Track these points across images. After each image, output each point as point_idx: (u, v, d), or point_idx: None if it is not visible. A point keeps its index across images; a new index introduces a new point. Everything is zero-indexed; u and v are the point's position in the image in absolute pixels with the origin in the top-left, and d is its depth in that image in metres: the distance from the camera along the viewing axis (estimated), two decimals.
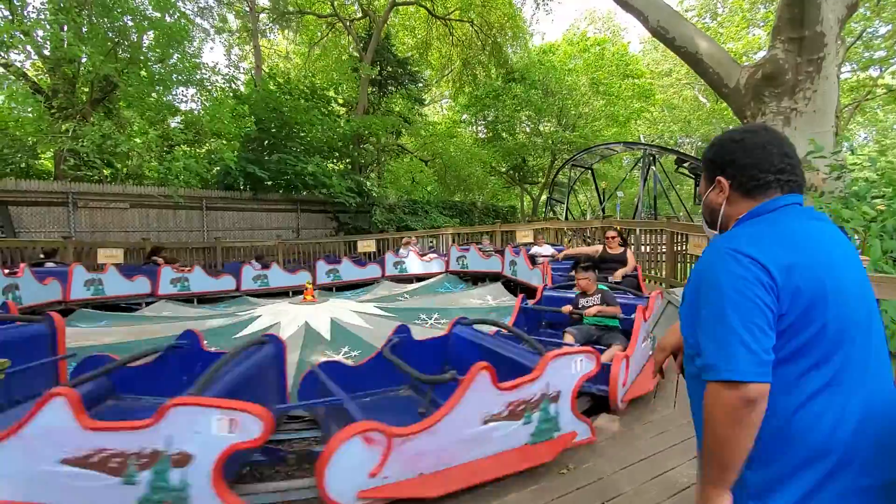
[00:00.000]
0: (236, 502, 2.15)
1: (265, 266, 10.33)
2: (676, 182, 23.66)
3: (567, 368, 2.88)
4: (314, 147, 15.49)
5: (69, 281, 7.71)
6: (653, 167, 17.15)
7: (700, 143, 33.85)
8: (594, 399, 3.67)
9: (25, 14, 10.11)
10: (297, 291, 9.28)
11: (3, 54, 10.87)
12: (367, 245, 13.18)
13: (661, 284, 8.44)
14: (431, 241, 14.22)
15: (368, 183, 15.78)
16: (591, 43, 25.25)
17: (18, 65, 11.60)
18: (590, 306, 4.35)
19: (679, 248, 8.21)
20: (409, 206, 17.09)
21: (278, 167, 13.86)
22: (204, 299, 9.30)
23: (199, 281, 9.31)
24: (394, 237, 13.94)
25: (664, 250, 8.77)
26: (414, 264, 11.12)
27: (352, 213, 15.61)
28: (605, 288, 4.67)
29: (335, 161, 17.44)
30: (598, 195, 22.26)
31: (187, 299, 9.07)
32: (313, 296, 7.94)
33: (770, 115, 6.88)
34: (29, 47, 10.36)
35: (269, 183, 13.84)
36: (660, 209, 18.67)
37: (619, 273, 5.71)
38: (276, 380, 3.46)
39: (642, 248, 9.93)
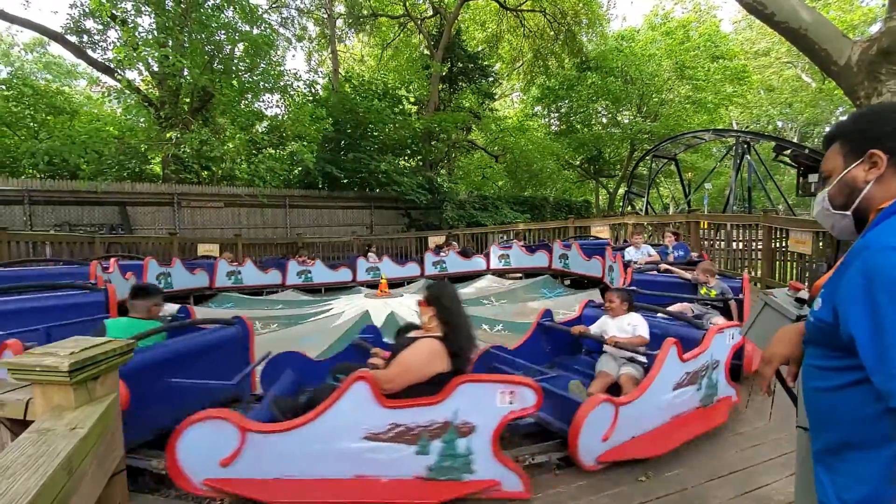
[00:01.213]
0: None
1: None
2: (775, 172, 21.48)
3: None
4: (387, 145, 15.96)
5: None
6: (747, 156, 15.70)
7: (804, 128, 30.49)
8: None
9: (137, 35, 11.39)
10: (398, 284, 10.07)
11: (120, 72, 12.33)
12: (437, 241, 13.37)
13: (756, 285, 7.73)
14: (502, 236, 14.10)
15: (439, 179, 15.98)
16: (676, 25, 23.56)
17: (132, 80, 13.11)
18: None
19: (777, 245, 7.46)
20: (479, 201, 17.09)
21: (353, 166, 14.46)
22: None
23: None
24: (464, 233, 14.01)
25: (760, 247, 8.01)
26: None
27: (423, 209, 15.91)
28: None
29: (407, 158, 17.86)
30: (683, 187, 20.79)
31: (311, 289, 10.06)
32: (387, 290, 8.23)
33: (888, 95, 6.00)
34: (140, 64, 11.66)
35: (345, 181, 14.50)
36: (755, 202, 17.05)
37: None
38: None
39: (734, 244, 9.13)
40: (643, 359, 3.32)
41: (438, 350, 2.41)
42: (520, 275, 10.70)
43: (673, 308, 4.36)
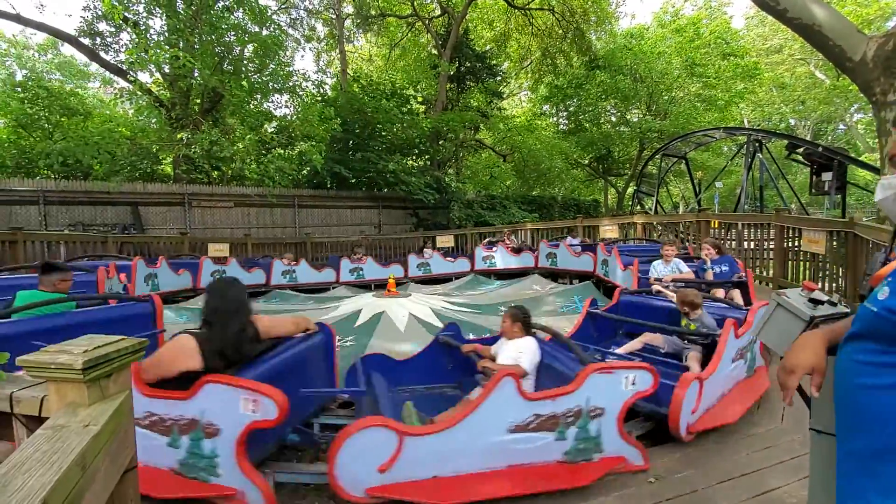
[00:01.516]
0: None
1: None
2: (787, 170, 21.19)
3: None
4: (395, 145, 16.00)
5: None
6: (759, 154, 15.50)
7: (817, 126, 30.05)
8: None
9: (148, 37, 11.53)
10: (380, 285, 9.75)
11: (132, 74, 12.49)
12: (445, 240, 13.36)
13: (767, 285, 7.64)
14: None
15: (447, 178, 15.98)
16: (686, 23, 23.33)
17: (144, 82, 13.26)
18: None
19: (790, 245, 7.36)
20: (487, 201, 17.06)
21: (362, 166, 14.52)
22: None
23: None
24: (472, 232, 14.00)
25: (772, 247, 7.90)
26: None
27: (431, 208, 15.92)
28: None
29: (415, 158, 17.89)
30: (693, 186, 20.59)
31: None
32: (395, 290, 8.24)
33: None
34: (152, 66, 11.80)
35: (354, 181, 14.56)
36: (767, 201, 16.83)
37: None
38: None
39: (745, 244, 9.03)
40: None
41: (189, 347, 2.41)
42: (567, 278, 10.16)
43: (640, 340, 4.06)
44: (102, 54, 12.90)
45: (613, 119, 23.10)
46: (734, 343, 3.41)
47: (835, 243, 6.24)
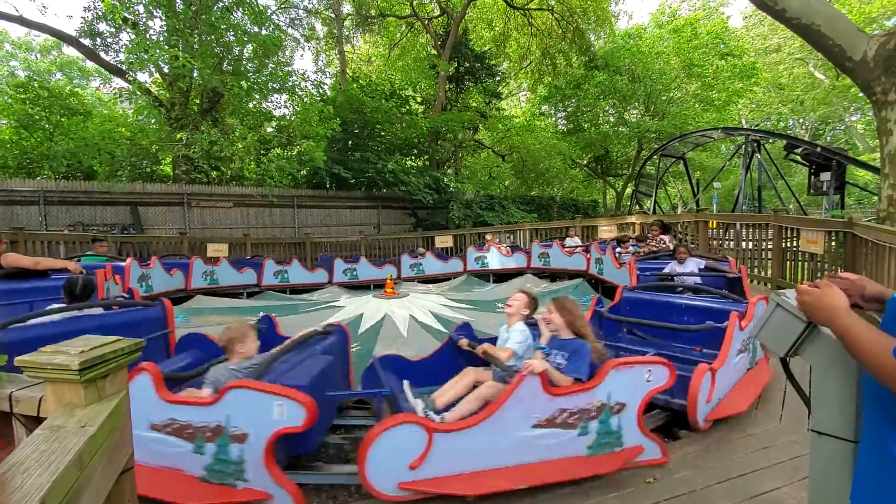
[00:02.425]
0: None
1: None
2: (786, 170, 21.22)
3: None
4: (394, 145, 16.00)
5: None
6: (757, 154, 15.53)
7: (816, 126, 30.09)
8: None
9: (148, 37, 11.51)
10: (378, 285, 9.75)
11: (132, 74, 12.48)
12: (444, 241, 13.37)
13: (766, 285, 7.64)
14: (509, 237, 14.08)
15: (446, 178, 15.98)
16: (683, 23, 23.36)
17: (143, 82, 13.25)
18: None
19: (788, 245, 7.36)
20: (485, 201, 17.06)
21: (361, 166, 14.51)
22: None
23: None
24: (470, 233, 14.00)
25: (770, 247, 7.91)
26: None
27: (429, 209, 15.92)
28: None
29: (414, 158, 17.89)
30: (692, 186, 20.61)
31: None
32: (394, 290, 8.24)
33: None
34: (151, 66, 11.79)
35: (353, 181, 14.55)
36: (765, 201, 16.85)
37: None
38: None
39: (743, 243, 9.03)
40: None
41: None
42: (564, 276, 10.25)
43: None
44: (102, 54, 12.89)
45: (612, 119, 23.11)
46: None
47: (833, 243, 6.24)
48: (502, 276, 10.76)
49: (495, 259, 11.04)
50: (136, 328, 3.85)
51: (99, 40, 12.72)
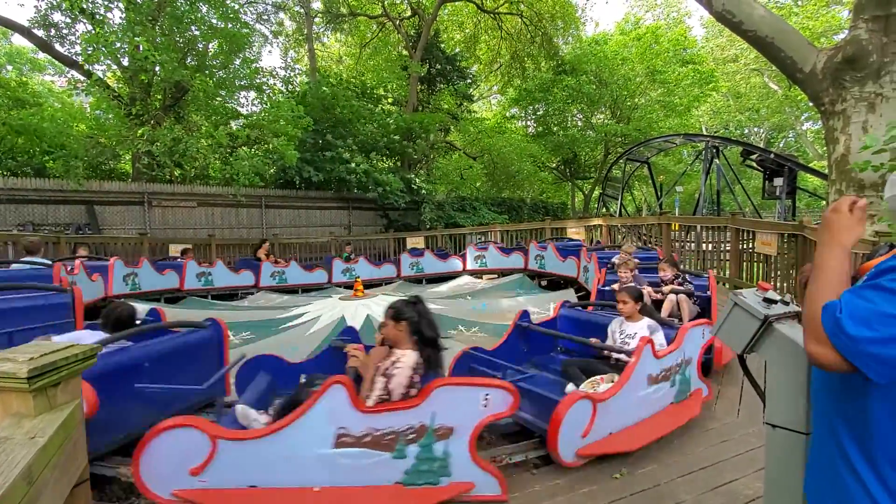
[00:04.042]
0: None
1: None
2: (742, 176, 22.20)
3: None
4: (367, 146, 15.82)
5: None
6: (716, 160, 16.20)
7: (770, 133, 31.61)
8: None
9: (106, 29, 10.99)
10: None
11: (88, 67, 11.90)
12: (415, 242, 13.33)
13: (724, 285, 7.97)
14: (480, 237, 14.17)
15: (418, 180, 15.92)
16: (645, 31, 24.16)
17: (101, 75, 12.65)
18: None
19: (745, 247, 7.71)
20: (457, 202, 17.11)
21: (331, 166, 14.29)
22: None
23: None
24: (442, 234, 14.01)
25: (728, 248, 8.26)
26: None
27: (401, 210, 15.84)
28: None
29: (384, 159, 17.75)
30: (655, 190, 21.29)
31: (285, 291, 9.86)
32: (362, 292, 8.16)
33: (852, 102, 6.28)
34: (109, 59, 11.28)
35: (323, 181, 14.31)
36: (724, 204, 17.58)
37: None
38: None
39: (703, 245, 9.40)
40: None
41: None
42: (495, 275, 10.78)
43: None
44: (57, 46, 12.23)
45: (580, 123, 23.62)
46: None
47: (785, 245, 6.57)
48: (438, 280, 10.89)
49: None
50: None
51: (53, 31, 12.07)
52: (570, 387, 3.20)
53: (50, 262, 5.81)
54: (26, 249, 6.26)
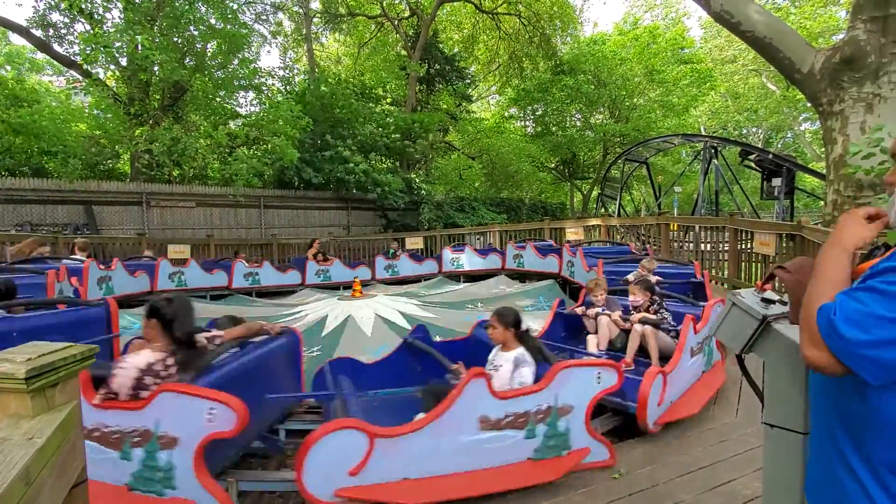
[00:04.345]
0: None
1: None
2: (741, 176, 22.25)
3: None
4: (367, 146, 15.82)
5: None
6: (714, 160, 16.22)
7: (768, 134, 31.68)
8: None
9: (105, 29, 10.99)
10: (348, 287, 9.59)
11: (87, 67, 11.88)
12: (414, 242, 13.33)
13: (723, 285, 7.98)
14: (479, 237, 14.17)
15: (417, 179, 15.94)
16: (642, 31, 24.22)
17: (99, 75, 12.63)
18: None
19: (743, 247, 7.72)
20: (456, 202, 17.12)
21: (330, 166, 14.29)
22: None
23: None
24: (441, 234, 14.01)
25: (726, 248, 8.27)
26: (469, 261, 11.04)
27: (400, 210, 15.84)
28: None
29: (384, 159, 17.75)
30: (654, 190, 21.32)
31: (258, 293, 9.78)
32: (361, 292, 8.15)
33: (850, 102, 6.29)
34: (107, 59, 11.24)
35: (322, 182, 14.30)
36: (722, 205, 17.62)
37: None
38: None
39: (702, 245, 9.41)
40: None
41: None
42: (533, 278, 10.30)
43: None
44: (56, 46, 12.21)
45: (578, 123, 23.65)
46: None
47: (784, 245, 6.58)
48: (475, 277, 10.81)
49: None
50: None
51: (51, 31, 12.06)
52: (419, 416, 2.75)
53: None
54: (79, 248, 7.28)
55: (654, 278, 4.16)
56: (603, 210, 21.56)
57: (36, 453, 0.95)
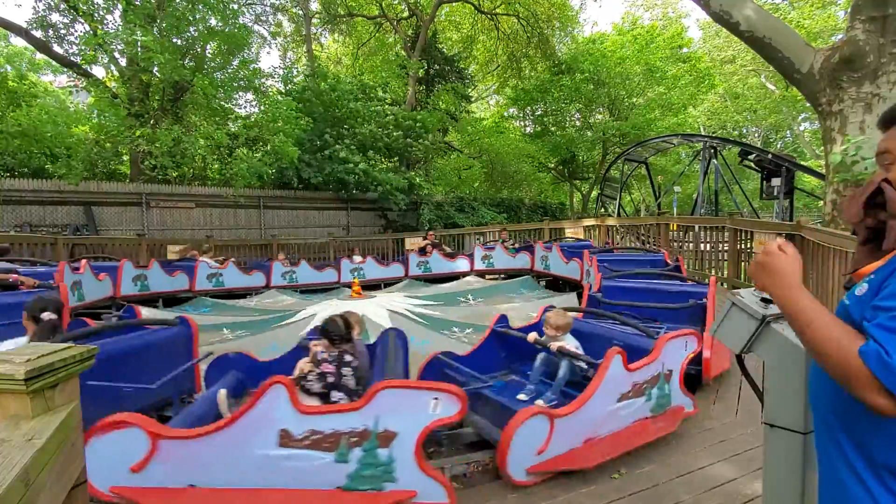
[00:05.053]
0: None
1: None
2: (740, 176, 22.24)
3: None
4: (366, 145, 15.79)
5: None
6: (714, 160, 16.22)
7: (767, 134, 31.68)
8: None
9: (105, 29, 11.00)
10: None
11: (86, 68, 11.88)
12: (414, 243, 13.32)
13: (722, 284, 7.98)
14: (479, 238, 14.16)
15: (417, 180, 15.91)
16: (640, 31, 24.23)
17: (100, 77, 12.64)
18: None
19: (743, 247, 7.72)
20: (456, 202, 17.11)
21: (331, 166, 14.27)
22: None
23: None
24: (441, 234, 14.01)
25: (726, 248, 8.27)
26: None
27: (400, 210, 15.84)
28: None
29: (384, 159, 17.72)
30: (654, 190, 21.32)
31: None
32: (360, 292, 8.16)
33: (849, 102, 6.30)
34: (107, 59, 11.24)
35: (321, 182, 14.29)
36: (722, 205, 17.61)
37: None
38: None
39: (702, 245, 9.42)
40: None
41: None
42: (501, 275, 10.69)
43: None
44: (56, 47, 12.20)
45: (578, 123, 23.66)
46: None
47: None
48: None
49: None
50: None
51: (51, 31, 12.05)
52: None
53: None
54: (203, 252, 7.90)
55: (558, 344, 3.36)
56: (602, 210, 21.56)
57: (35, 454, 0.95)
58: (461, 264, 11.01)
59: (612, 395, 2.88)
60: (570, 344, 3.42)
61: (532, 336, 3.64)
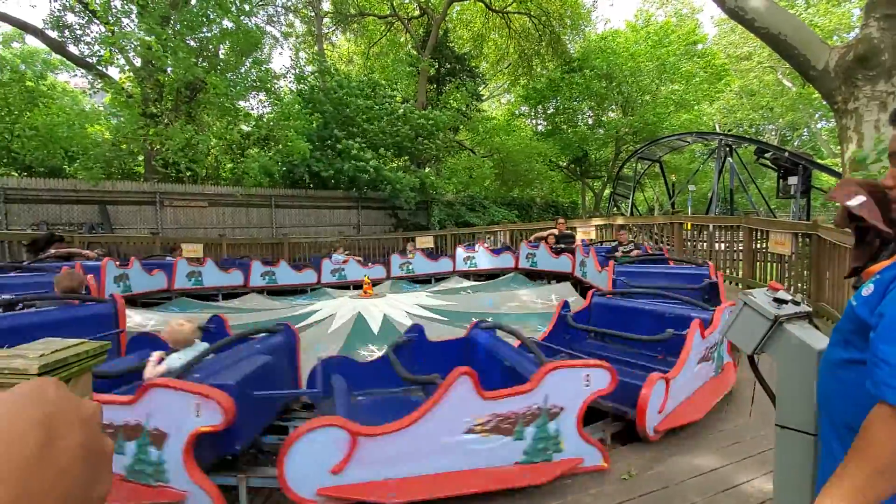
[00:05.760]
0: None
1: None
2: (756, 175, 21.89)
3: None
4: (376, 145, 15.84)
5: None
6: (729, 158, 15.98)
7: (784, 132, 31.14)
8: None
9: (120, 30, 11.17)
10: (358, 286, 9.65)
11: (102, 69, 12.08)
12: (425, 242, 13.32)
13: (737, 285, 7.87)
14: (489, 238, 14.12)
15: (427, 178, 15.90)
16: (654, 28, 23.93)
17: (115, 77, 12.83)
18: None
19: (758, 247, 7.60)
20: (467, 201, 17.08)
21: (342, 164, 14.33)
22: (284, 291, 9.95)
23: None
24: (452, 233, 14.00)
25: (741, 248, 8.15)
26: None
27: (411, 209, 15.85)
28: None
29: (395, 158, 17.76)
30: (668, 189, 21.07)
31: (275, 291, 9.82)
32: (372, 291, 8.19)
33: (864, 100, 6.16)
34: (122, 59, 11.44)
35: (332, 181, 14.36)
36: (737, 204, 17.35)
37: None
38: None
39: (716, 245, 9.28)
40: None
41: None
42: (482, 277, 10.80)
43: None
44: (71, 47, 12.43)
45: (590, 121, 23.47)
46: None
47: (800, 245, 6.47)
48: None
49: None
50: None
51: (67, 32, 12.27)
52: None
53: None
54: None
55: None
56: (615, 209, 21.37)
57: None
58: (444, 265, 11.10)
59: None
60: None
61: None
